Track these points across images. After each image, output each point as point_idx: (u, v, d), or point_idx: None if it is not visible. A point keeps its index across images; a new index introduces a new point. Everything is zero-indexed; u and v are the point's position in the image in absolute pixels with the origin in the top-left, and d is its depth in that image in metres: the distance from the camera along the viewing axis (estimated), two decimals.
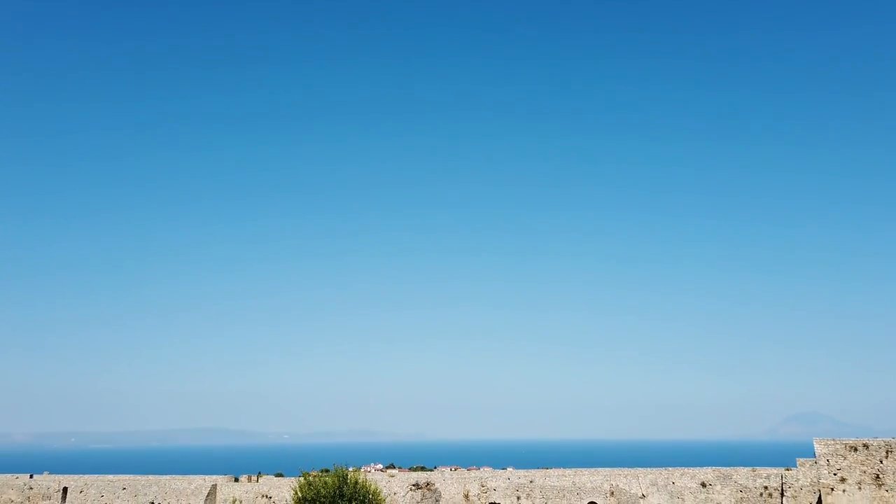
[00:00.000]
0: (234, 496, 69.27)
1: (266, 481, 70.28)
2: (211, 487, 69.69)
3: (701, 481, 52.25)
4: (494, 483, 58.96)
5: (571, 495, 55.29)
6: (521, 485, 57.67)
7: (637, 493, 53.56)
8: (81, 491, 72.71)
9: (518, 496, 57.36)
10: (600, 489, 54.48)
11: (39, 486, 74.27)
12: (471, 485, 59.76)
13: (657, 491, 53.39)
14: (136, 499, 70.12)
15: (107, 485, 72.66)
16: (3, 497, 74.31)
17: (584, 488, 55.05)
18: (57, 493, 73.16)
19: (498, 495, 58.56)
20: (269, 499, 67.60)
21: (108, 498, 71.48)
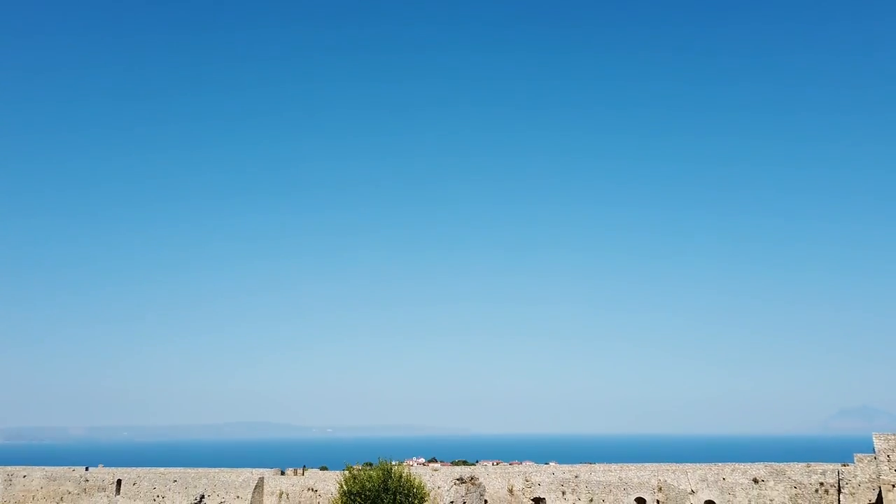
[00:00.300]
0: (280, 489, 70.29)
1: (312, 475, 71.09)
2: (258, 480, 70.84)
3: (753, 477, 50.87)
4: (538, 478, 58.47)
5: (618, 491, 54.44)
6: (566, 479, 57.07)
7: (686, 489, 52.45)
8: (135, 483, 74.73)
9: (563, 491, 56.76)
10: (647, 485, 53.51)
11: (95, 478, 76.61)
12: (515, 479, 59.39)
13: (707, 487, 52.20)
14: (187, 491, 71.72)
15: (158, 477, 74.53)
16: (61, 489, 76.90)
17: (630, 484, 54.16)
18: (111, 484, 75.35)
19: (542, 490, 58.06)
20: (315, 492, 68.38)
21: (159, 490, 73.30)
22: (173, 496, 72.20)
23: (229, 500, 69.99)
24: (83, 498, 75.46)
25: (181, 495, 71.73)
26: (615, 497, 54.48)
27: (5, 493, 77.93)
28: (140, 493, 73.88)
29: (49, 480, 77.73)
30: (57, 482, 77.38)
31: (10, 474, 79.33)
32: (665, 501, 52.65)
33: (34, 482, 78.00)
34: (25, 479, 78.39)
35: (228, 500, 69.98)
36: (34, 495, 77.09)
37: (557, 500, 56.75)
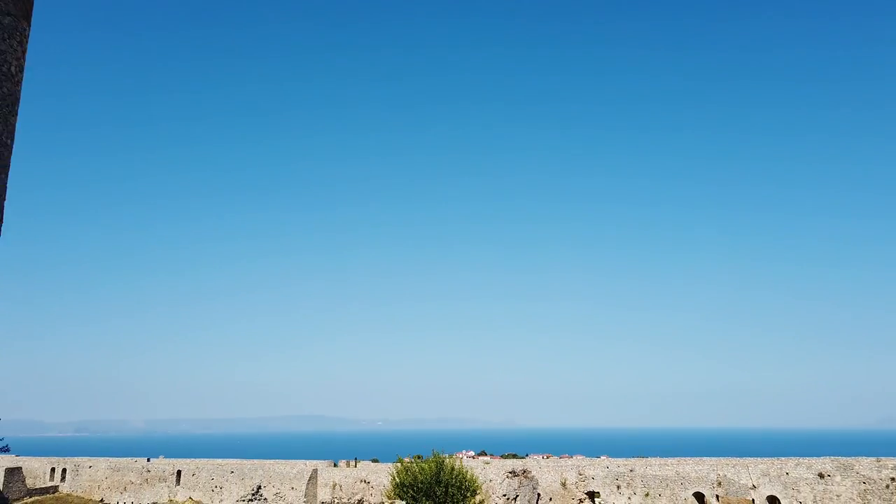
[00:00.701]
0: (334, 480, 71.05)
1: (364, 466, 71.63)
2: (312, 472, 71.77)
3: (818, 472, 48.80)
4: (592, 471, 57.49)
5: (675, 485, 53.09)
6: (621, 473, 55.95)
7: (747, 484, 50.75)
8: (194, 474, 76.67)
9: (618, 485, 55.69)
10: (706, 479, 52.00)
11: (156, 468, 78.92)
12: (568, 473, 58.55)
13: (769, 482, 50.37)
14: (243, 482, 73.17)
15: (216, 468, 76.28)
16: (124, 479, 79.49)
17: (688, 478, 52.72)
18: (171, 475, 77.47)
19: (596, 484, 57.09)
20: (368, 483, 68.85)
21: (217, 481, 75.01)
22: (231, 487, 73.79)
23: (284, 491, 71.11)
24: (145, 488, 77.83)
25: (238, 486, 73.25)
26: (672, 491, 53.15)
27: (73, 482, 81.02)
28: (199, 484, 75.76)
29: (113, 471, 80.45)
30: (120, 473, 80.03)
31: (76, 465, 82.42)
32: (725, 496, 51.10)
33: (99, 472, 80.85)
34: (91, 470, 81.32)
35: (283, 491, 71.10)
36: (99, 485, 79.91)
37: (612, 494, 55.72)
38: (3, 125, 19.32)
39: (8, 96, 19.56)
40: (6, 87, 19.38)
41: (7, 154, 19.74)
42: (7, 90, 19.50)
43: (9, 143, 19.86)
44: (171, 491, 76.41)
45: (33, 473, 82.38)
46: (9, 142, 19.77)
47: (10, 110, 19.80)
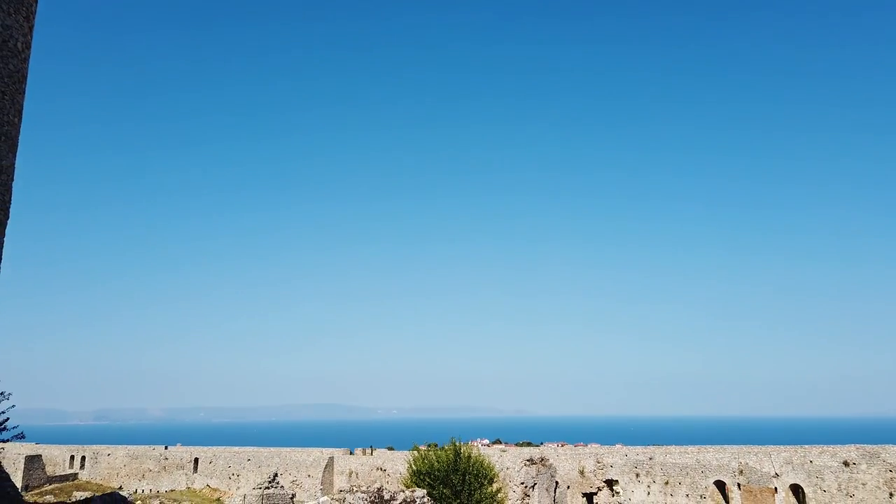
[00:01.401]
0: (350, 468, 70.98)
1: (380, 454, 71.50)
2: (328, 460, 71.76)
3: (843, 460, 47.82)
4: (611, 459, 56.85)
5: (695, 473, 52.33)
6: (640, 461, 55.26)
7: (769, 472, 49.88)
8: (211, 462, 76.96)
9: (637, 473, 55.02)
10: (728, 467, 51.18)
11: (173, 456, 79.32)
12: (586, 461, 57.96)
13: (792, 470, 49.46)
14: (260, 469, 73.33)
15: (233, 456, 76.52)
16: (143, 466, 79.98)
17: (709, 466, 51.93)
18: (189, 463, 77.82)
19: (615, 472, 56.45)
20: (384, 471, 68.71)
21: (234, 468, 75.25)
22: (247, 474, 73.98)
23: (301, 478, 71.18)
24: (163, 475, 78.28)
25: (255, 473, 73.42)
26: (692, 480, 52.41)
27: (92, 469, 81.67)
28: (216, 471, 76.04)
29: (131, 458, 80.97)
30: (139, 460, 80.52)
31: (95, 453, 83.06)
32: (747, 485, 50.29)
33: (118, 460, 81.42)
34: (110, 458, 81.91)
35: (300, 478, 71.17)
36: (118, 472, 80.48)
37: (631, 482, 55.08)
38: (10, 103, 18.71)
39: (15, 73, 18.93)
40: (12, 63, 18.77)
41: (15, 133, 19.12)
42: (13, 67, 18.88)
43: (16, 122, 19.24)
44: (188, 478, 76.78)
45: (53, 461, 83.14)
46: (16, 120, 19.16)
47: (17, 88, 19.18)
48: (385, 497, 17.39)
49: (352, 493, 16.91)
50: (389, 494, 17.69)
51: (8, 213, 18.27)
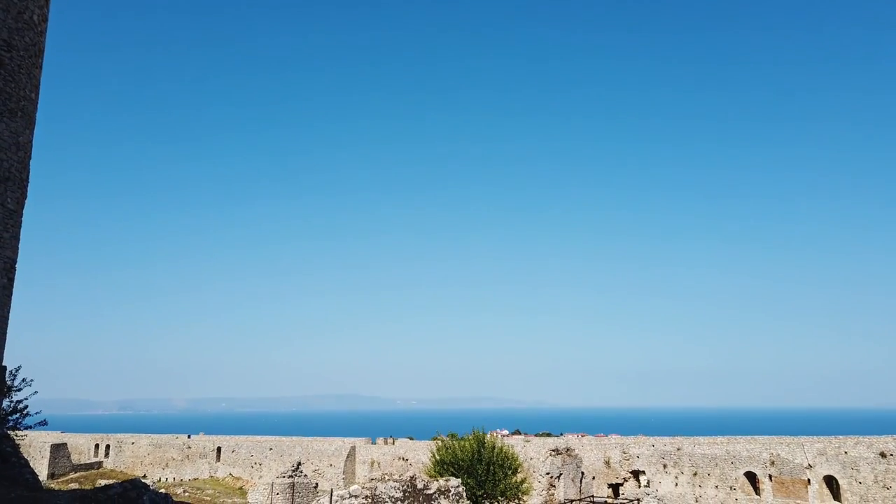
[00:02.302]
0: (372, 458, 70.70)
1: (402, 444, 71.11)
2: (350, 449, 71.53)
3: (880, 451, 46.41)
4: (637, 450, 55.84)
5: (725, 464, 51.18)
6: (667, 452, 54.20)
7: (802, 464, 48.60)
8: (233, 450, 77.14)
9: (664, 464, 53.98)
10: (759, 458, 49.96)
11: (196, 445, 79.64)
12: (611, 451, 57.01)
13: (826, 461, 48.14)
14: (282, 458, 73.33)
15: (255, 445, 76.62)
16: (166, 455, 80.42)
17: (739, 457, 50.76)
18: (212, 451, 78.07)
19: (641, 463, 55.46)
20: (406, 461, 68.31)
21: (256, 457, 75.34)
22: (270, 463, 74.03)
23: (323, 467, 71.05)
24: (186, 464, 78.64)
25: (277, 462, 73.44)
26: (722, 471, 51.28)
27: (116, 458, 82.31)
28: (239, 460, 76.21)
29: (155, 447, 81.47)
30: (162, 449, 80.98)
31: (119, 441, 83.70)
32: (779, 476, 49.08)
33: (142, 448, 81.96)
34: (133, 446, 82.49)
35: (322, 467, 71.04)
36: (142, 461, 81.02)
37: (658, 473, 54.07)
38: (27, 77, 18.02)
39: (31, 46, 18.23)
40: (28, 36, 18.07)
41: (32, 109, 18.42)
42: (30, 40, 18.18)
43: (33, 97, 18.54)
44: (211, 467, 77.05)
45: (78, 449, 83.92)
46: (33, 95, 18.46)
47: (34, 62, 18.47)
48: (418, 486, 16.77)
49: (383, 481, 16.30)
50: (423, 483, 17.05)
51: (26, 192, 17.71)
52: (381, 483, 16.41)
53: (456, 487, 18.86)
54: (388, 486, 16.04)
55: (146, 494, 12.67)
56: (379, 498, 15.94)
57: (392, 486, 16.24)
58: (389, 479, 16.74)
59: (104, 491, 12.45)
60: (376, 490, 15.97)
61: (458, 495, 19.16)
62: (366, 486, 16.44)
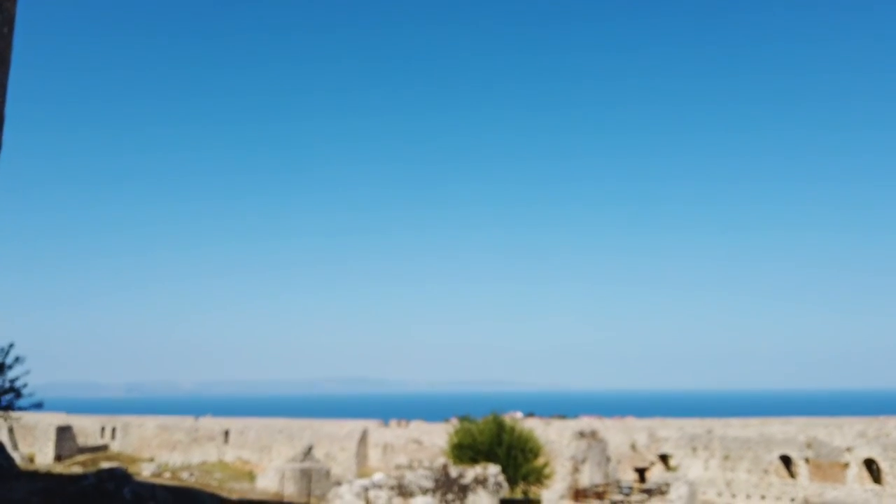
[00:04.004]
0: (385, 441, 68.58)
1: (416, 426, 68.97)
2: (362, 432, 69.41)
3: None
4: (665, 433, 53.41)
5: (758, 447, 48.67)
6: (697, 435, 51.73)
7: (841, 446, 46.05)
8: (242, 433, 75.18)
9: (693, 447, 51.53)
10: (794, 441, 47.42)
11: (204, 427, 77.74)
12: (637, 434, 54.59)
13: (866, 443, 45.56)
14: (292, 441, 71.33)
15: (264, 427, 74.62)
16: (173, 437, 78.58)
17: (773, 440, 48.22)
18: (220, 434, 76.15)
19: (669, 446, 53.04)
20: (420, 444, 66.16)
21: (265, 440, 73.36)
22: (279, 447, 72.04)
23: (334, 451, 68.98)
24: (194, 447, 76.76)
25: (286, 446, 71.45)
26: (755, 454, 48.77)
27: (123, 441, 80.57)
28: (247, 443, 74.27)
29: (162, 430, 79.61)
30: (169, 431, 79.12)
31: (126, 424, 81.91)
32: (815, 459, 46.53)
33: (148, 431, 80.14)
34: (140, 429, 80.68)
35: (333, 451, 68.97)
36: (149, 443, 79.22)
37: (687, 457, 51.64)
38: None
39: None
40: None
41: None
42: None
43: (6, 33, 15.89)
44: (219, 450, 75.17)
45: (84, 432, 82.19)
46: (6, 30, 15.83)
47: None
48: (452, 475, 14.47)
49: (411, 469, 13.99)
50: (457, 472, 14.73)
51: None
52: (409, 471, 14.07)
53: (495, 476, 16.47)
54: (417, 475, 13.71)
55: (127, 486, 10.36)
56: (407, 488, 13.56)
57: (422, 474, 13.91)
58: (419, 467, 14.40)
59: (76, 482, 10.17)
60: (404, 479, 13.63)
61: (498, 485, 16.75)
62: (393, 475, 13.98)
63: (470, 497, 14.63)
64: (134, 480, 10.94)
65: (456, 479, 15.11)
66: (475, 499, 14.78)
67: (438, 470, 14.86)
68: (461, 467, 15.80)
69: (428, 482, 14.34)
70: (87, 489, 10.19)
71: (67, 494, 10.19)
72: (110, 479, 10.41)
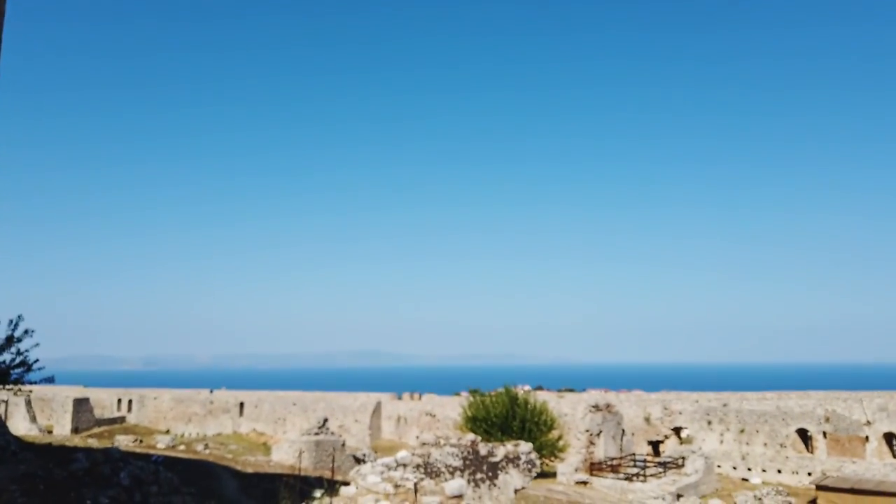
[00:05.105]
0: (398, 413, 68.74)
1: (429, 399, 68.98)
2: (375, 404, 69.59)
3: None
4: (680, 406, 52.97)
5: (775, 421, 48.13)
6: (712, 408, 51.23)
7: (860, 420, 45.43)
8: (256, 406, 75.64)
9: (708, 420, 51.07)
10: (812, 415, 46.83)
11: (219, 400, 78.28)
12: (652, 407, 54.20)
13: (887, 417, 44.91)
14: (306, 414, 71.68)
15: (278, 400, 75.01)
16: (189, 410, 79.24)
17: (791, 413, 47.65)
18: (235, 406, 76.68)
19: (684, 419, 52.62)
20: (433, 416, 66.25)
21: (279, 412, 73.77)
22: (293, 419, 72.45)
23: (348, 423, 69.26)
24: (209, 419, 77.40)
25: (300, 418, 71.84)
26: (772, 428, 48.25)
27: (139, 413, 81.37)
28: (261, 415, 74.75)
29: (177, 402, 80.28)
30: (184, 404, 79.77)
31: (142, 396, 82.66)
32: (833, 433, 45.97)
33: (164, 403, 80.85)
34: (156, 401, 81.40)
35: (347, 423, 69.26)
36: (165, 416, 79.97)
37: (702, 430, 51.22)
38: None
39: None
40: None
41: None
42: None
43: None
44: (234, 422, 75.74)
45: (101, 404, 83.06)
46: None
47: None
48: (481, 452, 13.83)
49: (437, 446, 13.36)
50: (487, 449, 14.10)
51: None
52: (435, 448, 13.43)
53: (527, 454, 15.86)
54: (444, 453, 13.07)
55: (125, 469, 9.55)
56: (433, 467, 12.99)
57: (449, 451, 13.27)
58: (446, 444, 13.73)
59: (64, 466, 9.33)
60: (430, 457, 13.03)
61: (531, 463, 16.15)
62: (416, 451, 13.44)
63: (501, 476, 14.01)
64: (133, 462, 10.11)
65: (485, 457, 14.51)
66: (506, 478, 14.14)
67: (466, 447, 14.22)
68: (491, 444, 15.19)
69: (455, 460, 13.74)
70: (76, 473, 9.23)
71: (53, 481, 9.36)
72: (106, 462, 9.53)
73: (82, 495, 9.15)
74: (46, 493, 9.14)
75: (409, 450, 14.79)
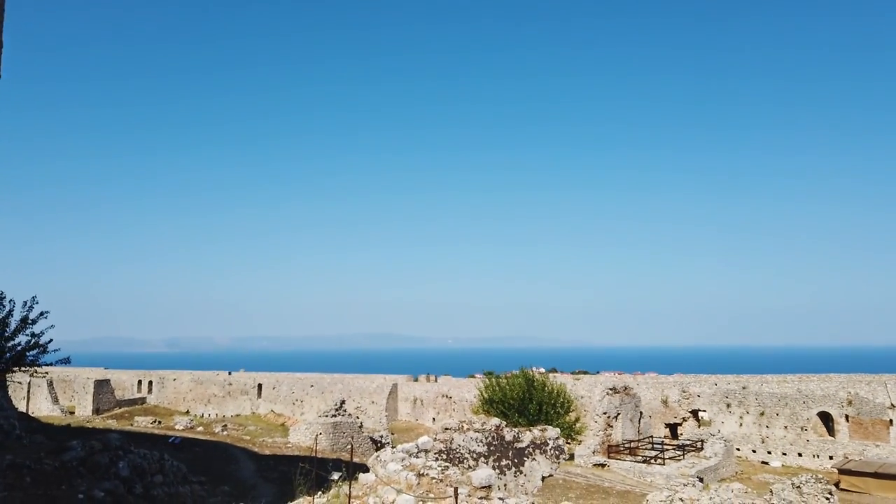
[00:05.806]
0: (414, 395, 68.89)
1: (445, 381, 69.01)
2: (392, 386, 69.77)
3: None
4: (698, 388, 52.47)
5: (796, 403, 47.54)
6: (732, 391, 50.71)
7: (884, 403, 44.71)
8: (274, 387, 76.19)
9: (727, 403, 50.58)
10: (834, 397, 46.18)
11: (237, 381, 78.94)
12: (670, 390, 53.76)
13: None
14: (323, 395, 72.09)
15: (296, 382, 75.48)
16: (207, 391, 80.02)
17: (812, 396, 47.02)
18: (253, 388, 77.29)
19: (702, 402, 52.16)
20: (450, 398, 66.31)
21: (297, 394, 74.27)
22: (311, 400, 72.92)
23: (365, 404, 69.57)
24: (228, 400, 78.14)
25: (318, 399, 72.28)
26: (792, 410, 47.68)
27: (159, 394, 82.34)
28: (280, 397, 75.30)
29: (197, 384, 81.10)
30: (203, 385, 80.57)
31: (162, 378, 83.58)
32: (856, 416, 45.33)
33: (184, 385, 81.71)
34: (176, 383, 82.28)
35: (364, 404, 69.56)
36: (184, 397, 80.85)
37: (720, 413, 50.75)
38: None
39: None
40: None
41: None
42: None
43: None
44: (252, 403, 76.39)
45: (121, 385, 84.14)
46: None
47: None
48: (506, 438, 13.49)
49: (461, 431, 13.03)
50: (513, 435, 13.77)
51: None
52: (458, 434, 13.09)
53: (555, 440, 15.50)
54: (467, 438, 12.75)
55: (125, 458, 9.02)
56: (456, 453, 12.70)
57: (473, 437, 12.94)
58: (469, 429, 13.38)
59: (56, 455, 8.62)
60: (452, 443, 12.71)
61: (558, 449, 15.82)
62: (439, 436, 13.13)
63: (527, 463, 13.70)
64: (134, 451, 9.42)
65: (511, 443, 14.17)
66: (533, 465, 13.83)
67: (491, 432, 13.85)
68: (517, 429, 14.83)
69: (480, 446, 13.42)
70: (69, 464, 8.82)
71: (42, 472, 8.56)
72: (103, 451, 8.90)
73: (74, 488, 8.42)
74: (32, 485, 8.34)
75: (426, 431, 14.55)
